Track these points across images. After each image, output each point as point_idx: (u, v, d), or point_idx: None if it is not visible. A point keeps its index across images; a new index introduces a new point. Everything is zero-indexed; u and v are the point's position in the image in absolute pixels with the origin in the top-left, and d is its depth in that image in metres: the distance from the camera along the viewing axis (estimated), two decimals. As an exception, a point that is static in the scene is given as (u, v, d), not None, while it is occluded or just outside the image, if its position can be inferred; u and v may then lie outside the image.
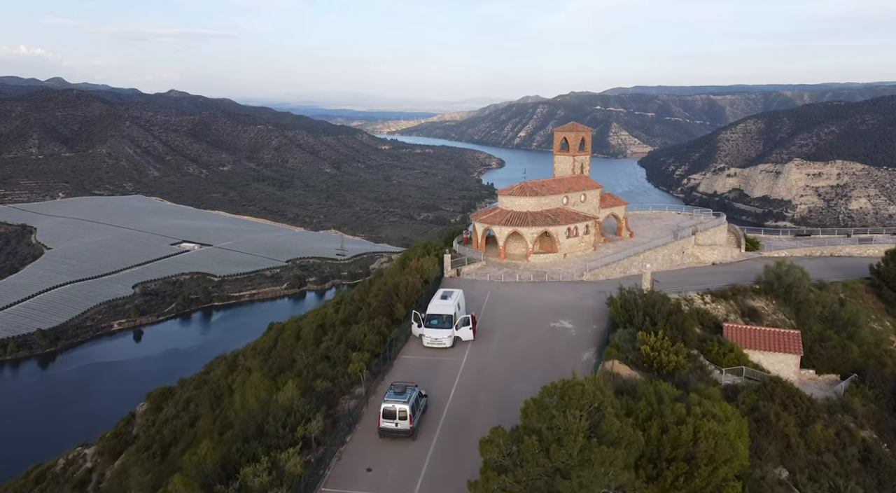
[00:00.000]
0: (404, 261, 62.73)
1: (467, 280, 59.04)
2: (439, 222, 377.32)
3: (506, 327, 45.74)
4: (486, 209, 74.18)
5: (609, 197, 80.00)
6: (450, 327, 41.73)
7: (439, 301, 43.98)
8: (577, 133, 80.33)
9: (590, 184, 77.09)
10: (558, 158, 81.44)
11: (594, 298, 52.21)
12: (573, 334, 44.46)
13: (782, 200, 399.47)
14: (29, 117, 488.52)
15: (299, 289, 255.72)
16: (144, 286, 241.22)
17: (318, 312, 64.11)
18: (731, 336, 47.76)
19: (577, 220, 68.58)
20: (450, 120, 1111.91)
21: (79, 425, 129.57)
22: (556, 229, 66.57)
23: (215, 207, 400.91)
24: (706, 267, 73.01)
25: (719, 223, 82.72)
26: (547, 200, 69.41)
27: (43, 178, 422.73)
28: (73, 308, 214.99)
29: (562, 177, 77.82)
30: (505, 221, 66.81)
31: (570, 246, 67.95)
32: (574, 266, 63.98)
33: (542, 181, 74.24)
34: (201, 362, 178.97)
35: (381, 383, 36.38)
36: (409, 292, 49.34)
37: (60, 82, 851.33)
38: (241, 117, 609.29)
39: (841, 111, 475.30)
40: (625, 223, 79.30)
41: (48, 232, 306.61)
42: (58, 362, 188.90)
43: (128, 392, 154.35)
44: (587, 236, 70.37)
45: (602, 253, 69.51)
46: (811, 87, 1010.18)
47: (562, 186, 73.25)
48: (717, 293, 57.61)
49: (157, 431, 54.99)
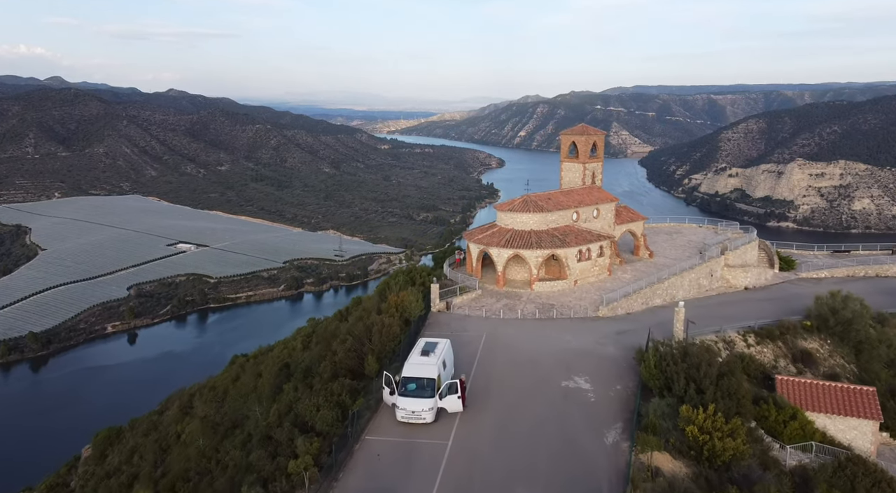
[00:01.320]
0: (383, 291, 54.18)
1: (459, 316, 50.05)
2: (439, 223, 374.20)
3: (505, 389, 35.96)
4: (483, 227, 63.44)
5: (625, 211, 70.19)
6: (431, 395, 32.06)
7: (419, 359, 33.97)
8: (587, 137, 69.62)
9: (604, 196, 67.40)
10: (566, 166, 70.96)
11: (615, 342, 43.64)
12: (592, 398, 35.00)
13: (784, 201, 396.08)
14: (25, 117, 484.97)
15: (296, 291, 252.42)
16: (139, 288, 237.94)
17: (287, 344, 58.52)
18: (787, 394, 38.83)
19: (589, 240, 59.32)
20: (450, 119, 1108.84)
21: (60, 437, 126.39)
22: (566, 252, 57.23)
23: (213, 208, 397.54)
24: (739, 293, 63.72)
25: (750, 240, 72.22)
26: (554, 216, 60.16)
27: (39, 177, 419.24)
28: (67, 311, 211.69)
29: (570, 188, 67.70)
30: (504, 241, 57.60)
31: (581, 271, 58.75)
32: (587, 296, 55.13)
33: (547, 194, 64.06)
34: (196, 365, 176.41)
35: (335, 486, 27.16)
36: (384, 339, 40.02)
37: (59, 81, 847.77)
38: (239, 117, 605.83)
39: (843, 111, 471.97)
40: (643, 241, 69.50)
41: (43, 233, 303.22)
42: (50, 366, 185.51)
43: (118, 398, 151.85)
44: (601, 259, 60.75)
45: (619, 279, 60.48)
46: (812, 86, 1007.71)
47: (571, 199, 63.62)
48: (761, 332, 48.48)
49: (92, 490, 50.70)
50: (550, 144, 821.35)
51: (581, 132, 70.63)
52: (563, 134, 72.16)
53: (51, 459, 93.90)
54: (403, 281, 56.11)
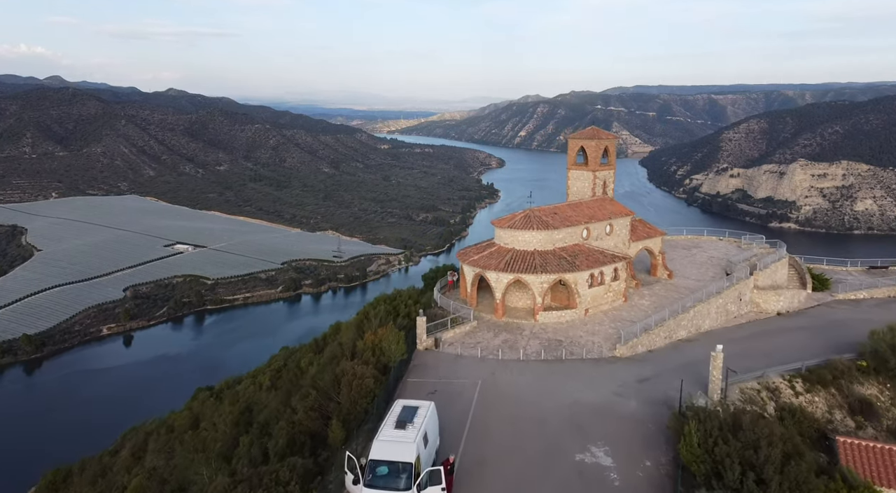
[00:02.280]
0: (361, 324, 46.58)
1: (449, 356, 42.52)
2: (438, 223, 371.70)
3: (504, 465, 28.57)
4: (479, 246, 56.36)
5: (641, 226, 63.19)
6: (407, 486, 24.10)
7: (392, 433, 25.85)
8: (598, 141, 61.89)
9: (617, 209, 60.06)
10: (574, 175, 63.18)
11: (637, 393, 36.60)
12: (616, 481, 27.47)
13: (786, 201, 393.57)
14: (23, 116, 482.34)
15: (294, 292, 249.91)
16: (136, 289, 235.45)
17: (255, 378, 51.69)
18: (854, 462, 29.96)
19: (602, 262, 52.09)
20: (450, 119, 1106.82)
21: (26, 456, 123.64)
22: (575, 277, 49.90)
23: (211, 208, 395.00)
24: (772, 320, 55.91)
25: (780, 257, 64.91)
26: (561, 234, 52.88)
27: (36, 177, 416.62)
28: (61, 312, 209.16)
29: (579, 200, 60.24)
30: (504, 264, 50.23)
31: (593, 298, 51.54)
32: (600, 329, 47.94)
33: (553, 208, 56.42)
34: (190, 369, 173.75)
35: None
36: (354, 395, 32.03)
37: (59, 81, 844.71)
38: (238, 116, 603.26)
39: (844, 111, 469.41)
40: (662, 260, 62.46)
41: (39, 233, 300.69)
42: (44, 369, 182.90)
43: (102, 407, 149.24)
44: (616, 284, 53.43)
45: (636, 306, 53.30)
46: (813, 86, 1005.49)
47: (581, 213, 56.51)
48: (809, 376, 40.56)
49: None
50: (551, 144, 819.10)
51: (591, 136, 62.67)
52: (571, 138, 64.18)
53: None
54: (385, 312, 48.48)
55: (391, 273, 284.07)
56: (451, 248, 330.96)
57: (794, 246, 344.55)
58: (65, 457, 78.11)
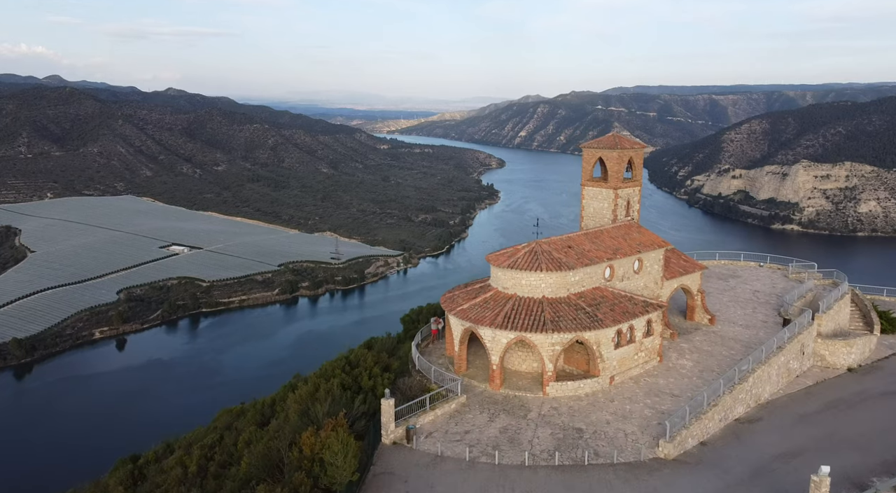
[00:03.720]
0: (307, 414, 33.70)
1: (426, 457, 31.53)
2: (438, 224, 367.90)
3: None
4: (472, 287, 44.56)
5: (675, 258, 51.34)
6: None
7: None
8: (621, 151, 48.84)
9: (648, 239, 47.92)
10: (590, 193, 50.95)
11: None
12: None
13: (789, 203, 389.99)
14: (19, 115, 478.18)
15: (291, 295, 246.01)
16: (129, 292, 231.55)
17: (180, 459, 39.36)
18: None
19: (632, 313, 40.74)
20: (450, 119, 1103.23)
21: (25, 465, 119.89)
22: (597, 335, 38.69)
23: (208, 208, 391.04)
24: (844, 379, 44.78)
25: (842, 293, 53.00)
26: (577, 275, 41.30)
27: (31, 177, 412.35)
28: (53, 315, 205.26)
29: (598, 229, 47.49)
30: (503, 318, 38.54)
31: (620, 362, 40.48)
32: (633, 410, 36.41)
33: (566, 239, 44.30)
34: (185, 372, 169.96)
35: None
36: None
37: (58, 80, 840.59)
38: (237, 116, 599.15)
39: (847, 111, 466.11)
40: (701, 300, 50.94)
41: (33, 234, 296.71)
42: (34, 374, 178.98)
43: (89, 418, 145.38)
44: (649, 340, 42.30)
45: (675, 369, 42.03)
46: (813, 86, 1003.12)
47: (602, 246, 44.49)
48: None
49: None
50: (551, 144, 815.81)
51: (611, 145, 49.47)
52: (586, 147, 51.06)
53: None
54: (340, 387, 35.67)
55: (389, 275, 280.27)
56: (450, 249, 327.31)
57: (797, 248, 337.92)
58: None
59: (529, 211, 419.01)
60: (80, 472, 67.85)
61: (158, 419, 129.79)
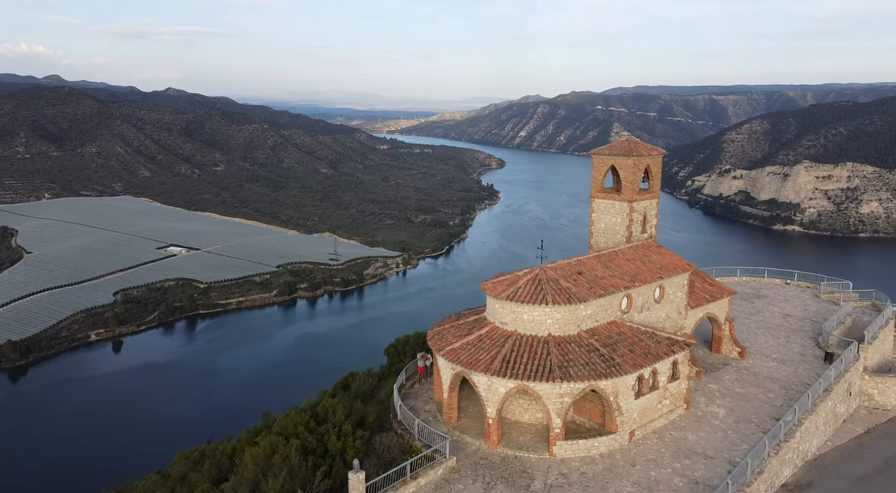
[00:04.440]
0: (268, 461, 30.78)
1: None
2: (437, 225, 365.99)
3: None
4: (462, 322, 37.58)
5: (700, 282, 45.01)
6: None
7: None
8: (637, 159, 42.61)
9: (670, 262, 41.58)
10: (600, 205, 44.56)
11: None
12: None
13: (790, 203, 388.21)
14: (17, 115, 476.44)
15: (289, 296, 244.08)
16: (126, 293, 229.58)
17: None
18: None
19: (655, 354, 34.29)
20: (450, 119, 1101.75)
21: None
22: (615, 384, 32.26)
23: (206, 209, 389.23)
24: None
25: (887, 319, 47.45)
26: (590, 308, 34.98)
27: (29, 178, 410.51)
28: (49, 317, 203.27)
29: (612, 250, 40.91)
30: (501, 362, 32.19)
31: (642, 413, 33.92)
32: (660, 478, 29.82)
33: (575, 263, 37.79)
34: (177, 379, 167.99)
35: None
36: None
37: (57, 80, 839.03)
38: (236, 116, 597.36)
39: (848, 112, 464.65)
40: (730, 331, 44.62)
41: (30, 235, 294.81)
42: (29, 377, 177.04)
43: (79, 424, 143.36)
44: (675, 385, 35.74)
45: (705, 418, 35.60)
46: (814, 87, 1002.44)
47: (618, 272, 38.28)
48: None
49: None
50: (551, 144, 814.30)
51: (626, 151, 42.87)
52: (597, 154, 44.93)
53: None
54: (297, 453, 30.09)
55: (388, 276, 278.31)
56: (449, 250, 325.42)
57: (800, 249, 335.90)
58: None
59: (529, 212, 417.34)
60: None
61: (130, 445, 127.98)
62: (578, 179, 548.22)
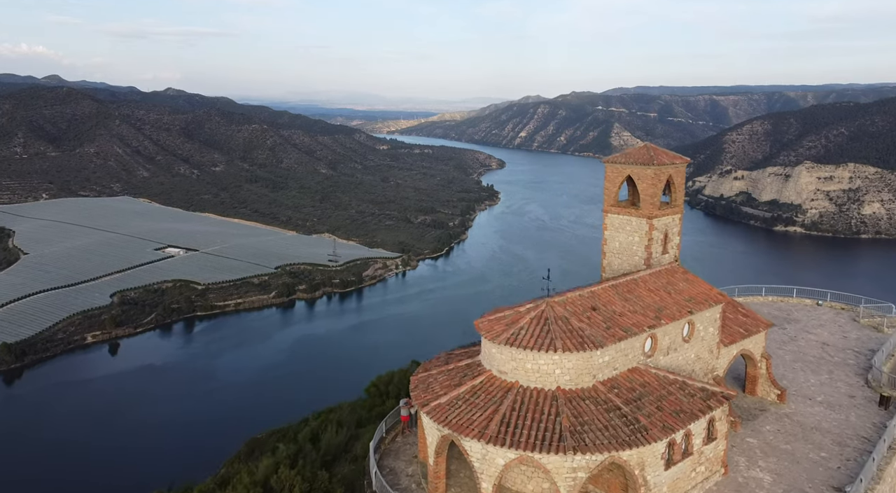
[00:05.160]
0: None
1: None
2: (437, 226, 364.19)
3: None
4: (454, 364, 31.44)
5: (731, 311, 38.74)
6: None
7: None
8: (657, 169, 36.50)
9: (698, 290, 35.49)
10: (614, 222, 38.49)
11: None
12: None
13: (792, 204, 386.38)
14: (15, 115, 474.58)
15: (288, 298, 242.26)
16: (123, 295, 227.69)
17: None
18: None
19: (687, 411, 28.36)
20: (450, 120, 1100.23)
21: None
22: (640, 454, 26.12)
23: (205, 209, 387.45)
24: None
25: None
26: (608, 355, 28.95)
27: (26, 178, 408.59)
28: (44, 320, 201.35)
29: (631, 277, 34.68)
30: (498, 424, 26.40)
31: (672, 485, 27.81)
32: None
33: (588, 295, 31.66)
34: (174, 381, 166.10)
35: None
36: None
37: (57, 80, 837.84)
38: (235, 116, 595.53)
39: (849, 112, 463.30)
40: (768, 369, 38.42)
41: (26, 236, 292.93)
42: (24, 380, 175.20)
43: (84, 421, 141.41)
44: (711, 447, 29.49)
45: (745, 485, 29.59)
46: (814, 87, 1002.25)
47: (639, 306, 32.14)
48: None
49: None
50: (551, 144, 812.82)
51: (645, 159, 36.63)
52: (610, 162, 38.70)
53: None
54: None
55: (388, 278, 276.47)
56: (449, 251, 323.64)
57: (802, 250, 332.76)
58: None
59: (530, 213, 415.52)
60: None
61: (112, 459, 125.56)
62: (579, 180, 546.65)
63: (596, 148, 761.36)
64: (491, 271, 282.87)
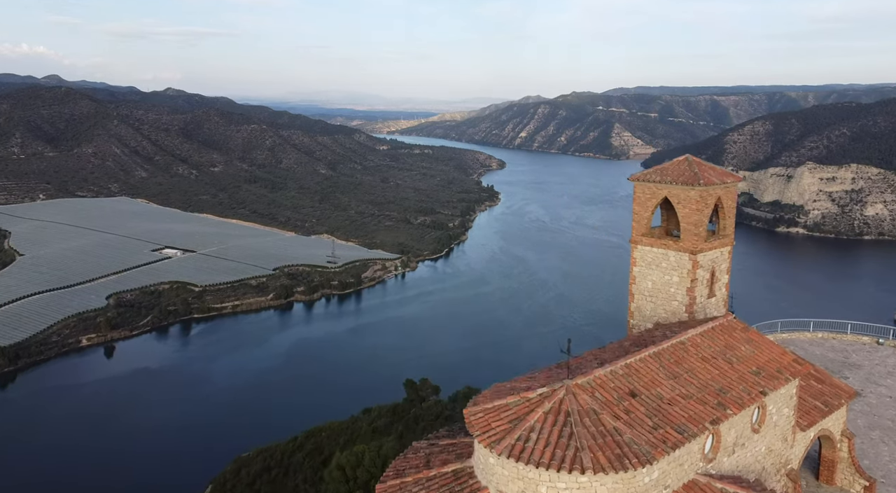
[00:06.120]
0: None
1: None
2: (437, 227, 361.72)
3: None
4: (435, 473, 21.34)
5: (805, 378, 28.71)
6: None
7: None
8: (704, 190, 27.72)
9: (766, 355, 25.99)
10: (647, 256, 29.92)
11: None
12: None
13: (794, 205, 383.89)
14: (13, 115, 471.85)
15: (286, 300, 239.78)
16: (119, 297, 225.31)
17: None
18: None
19: None
20: (450, 120, 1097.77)
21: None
22: None
23: (203, 210, 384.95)
24: None
25: None
26: (657, 472, 19.28)
27: (24, 178, 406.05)
28: (39, 322, 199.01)
29: (674, 338, 25.13)
30: None
31: None
32: None
33: (624, 369, 22.20)
34: (170, 383, 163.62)
35: None
36: None
37: (56, 80, 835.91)
38: (234, 116, 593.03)
39: (851, 113, 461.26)
40: (849, 450, 29.38)
41: (23, 237, 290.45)
42: (18, 383, 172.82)
43: (78, 426, 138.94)
44: None
45: None
46: (815, 87, 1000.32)
47: (692, 388, 22.67)
48: None
49: None
50: (552, 145, 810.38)
51: (688, 179, 27.87)
52: (640, 180, 29.80)
53: None
54: None
55: (387, 279, 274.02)
56: (449, 252, 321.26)
57: (805, 252, 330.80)
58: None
59: (530, 213, 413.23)
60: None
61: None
62: (579, 181, 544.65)
63: (596, 148, 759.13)
64: (491, 272, 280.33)
